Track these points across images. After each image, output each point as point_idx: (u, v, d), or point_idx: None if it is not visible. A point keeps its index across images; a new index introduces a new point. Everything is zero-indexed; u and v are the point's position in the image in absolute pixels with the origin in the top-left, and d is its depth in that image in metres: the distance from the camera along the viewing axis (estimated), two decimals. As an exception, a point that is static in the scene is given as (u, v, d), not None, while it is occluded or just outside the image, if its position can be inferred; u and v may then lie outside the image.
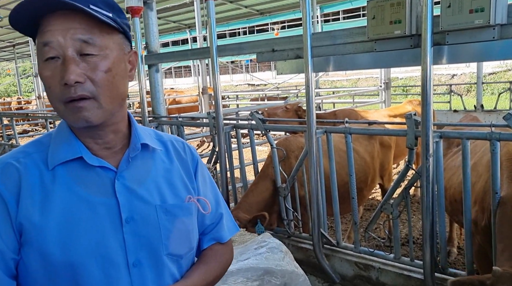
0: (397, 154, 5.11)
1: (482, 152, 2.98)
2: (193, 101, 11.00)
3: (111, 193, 1.03)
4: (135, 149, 1.09)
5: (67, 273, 0.96)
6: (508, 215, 2.44)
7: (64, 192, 1.00)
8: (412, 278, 3.11)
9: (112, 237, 1.00)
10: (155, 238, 1.05)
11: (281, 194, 3.70)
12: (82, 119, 0.97)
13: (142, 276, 1.03)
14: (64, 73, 0.94)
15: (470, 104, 11.11)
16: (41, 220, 0.96)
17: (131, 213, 1.03)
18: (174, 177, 1.15)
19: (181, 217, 1.11)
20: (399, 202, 3.09)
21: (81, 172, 1.03)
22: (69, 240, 0.97)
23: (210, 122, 3.85)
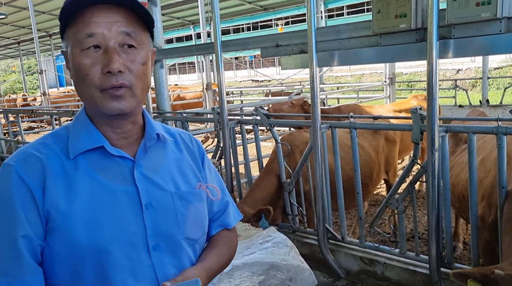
0: (401, 149, 5.09)
1: (491, 147, 2.95)
2: (197, 97, 11.02)
3: (130, 181, 1.08)
4: (151, 139, 1.14)
5: (93, 257, 1.00)
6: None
7: (86, 180, 1.03)
8: (417, 273, 3.10)
9: (133, 222, 1.05)
10: (172, 223, 1.11)
11: (286, 189, 3.70)
12: (118, 106, 1.03)
13: (162, 259, 1.08)
14: (108, 62, 1.00)
15: (475, 99, 11.04)
16: (68, 207, 1.00)
17: (150, 200, 1.08)
18: (184, 166, 1.20)
19: (194, 203, 1.17)
20: (404, 197, 3.08)
21: (101, 161, 1.07)
22: (95, 225, 1.01)
23: (214, 118, 3.85)
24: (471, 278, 2.14)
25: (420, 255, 3.16)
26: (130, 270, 1.03)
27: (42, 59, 15.68)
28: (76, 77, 1.05)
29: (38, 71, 15.16)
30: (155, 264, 1.07)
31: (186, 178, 1.19)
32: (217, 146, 4.05)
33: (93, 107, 1.06)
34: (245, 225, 2.42)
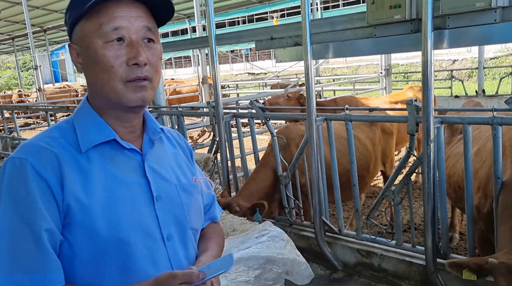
0: (398, 141, 5.08)
1: (486, 137, 2.95)
2: (193, 91, 10.97)
3: (141, 174, 1.10)
4: (155, 133, 1.18)
5: (115, 248, 1.01)
6: (510, 199, 2.43)
7: (101, 173, 1.04)
8: (414, 264, 3.11)
9: (147, 213, 1.08)
10: (180, 213, 1.14)
11: (282, 182, 3.70)
12: (141, 97, 1.06)
13: (175, 249, 1.12)
14: (135, 54, 1.03)
15: (471, 89, 11.04)
16: (88, 200, 1.00)
17: (159, 192, 1.11)
18: (180, 160, 1.25)
19: (194, 195, 1.21)
20: (401, 188, 3.08)
21: (112, 154, 1.08)
22: (114, 217, 1.02)
23: (210, 112, 3.83)
24: (466, 268, 2.15)
25: (417, 246, 3.17)
26: (150, 260, 1.06)
27: (37, 54, 15.57)
28: (96, 69, 1.05)
29: (33, 67, 15.07)
30: (170, 254, 1.10)
31: (183, 171, 1.22)
32: (212, 140, 4.03)
33: (111, 99, 1.06)
34: (241, 219, 2.41)
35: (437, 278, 2.86)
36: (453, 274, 2.86)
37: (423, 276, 3.05)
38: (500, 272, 2.06)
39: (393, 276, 3.23)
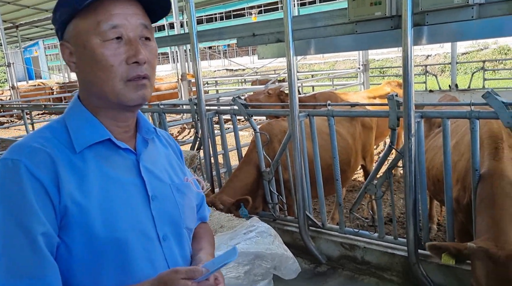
0: (377, 135, 5.18)
1: (464, 131, 3.04)
2: (172, 88, 10.87)
3: (136, 174, 1.09)
4: (148, 132, 1.17)
5: (113, 249, 1.00)
6: (488, 191, 2.51)
7: (96, 174, 1.02)
8: (396, 256, 3.18)
9: (144, 213, 1.07)
10: (175, 213, 1.14)
11: (266, 178, 3.72)
12: (141, 96, 1.05)
13: (171, 249, 1.11)
14: (135, 52, 1.02)
15: (445, 84, 11.28)
16: (85, 201, 0.98)
17: (154, 192, 1.10)
18: (172, 160, 1.24)
19: (187, 194, 1.21)
20: (383, 182, 3.14)
21: (107, 153, 1.07)
22: (112, 218, 1.00)
23: (192, 109, 3.81)
24: (445, 252, 2.22)
25: (398, 238, 3.24)
26: (148, 260, 1.05)
27: (9, 51, 15.13)
28: (94, 68, 1.02)
29: (6, 64, 14.64)
30: (166, 253, 1.09)
31: (175, 171, 1.22)
32: (195, 137, 4.02)
33: (110, 99, 1.04)
34: (228, 215, 2.42)
35: (419, 269, 2.93)
36: (433, 265, 2.97)
37: (405, 267, 3.12)
38: (478, 256, 2.14)
39: (376, 268, 3.30)
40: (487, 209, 2.46)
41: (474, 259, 2.17)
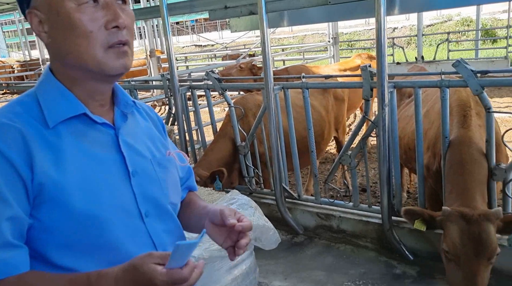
0: (348, 107, 5.25)
1: (434, 100, 3.12)
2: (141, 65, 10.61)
3: (115, 149, 1.04)
4: (127, 106, 1.11)
5: (93, 226, 0.95)
6: (457, 157, 2.61)
7: (72, 149, 0.97)
8: (370, 223, 3.29)
9: (124, 190, 1.02)
10: (157, 189, 1.09)
11: (241, 152, 3.73)
12: (123, 64, 0.99)
13: (154, 226, 1.07)
14: (114, 16, 0.95)
15: (411, 56, 11.50)
16: (61, 177, 0.93)
17: (135, 167, 1.05)
18: (153, 134, 1.19)
19: (170, 169, 1.16)
20: (357, 152, 3.21)
21: (83, 129, 1.01)
22: (90, 194, 0.96)
23: (164, 84, 3.75)
24: (419, 218, 2.31)
25: (372, 206, 3.34)
26: (131, 238, 1.01)
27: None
28: (71, 37, 0.95)
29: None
30: (150, 230, 1.05)
31: (156, 145, 1.17)
32: (168, 113, 3.97)
33: (90, 68, 0.98)
34: (208, 189, 2.43)
35: (392, 235, 3.04)
36: (406, 229, 3.09)
37: (379, 233, 3.24)
38: (452, 219, 2.24)
39: (351, 236, 3.41)
40: (456, 176, 2.56)
41: (447, 222, 2.26)
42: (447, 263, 2.31)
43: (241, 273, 2.18)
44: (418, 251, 3.05)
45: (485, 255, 2.17)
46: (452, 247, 2.22)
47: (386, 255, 3.21)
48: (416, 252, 3.05)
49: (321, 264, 3.24)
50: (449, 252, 2.24)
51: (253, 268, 2.27)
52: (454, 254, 2.22)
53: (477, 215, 2.19)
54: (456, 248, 2.20)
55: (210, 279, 2.02)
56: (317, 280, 3.03)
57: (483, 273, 2.20)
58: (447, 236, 2.26)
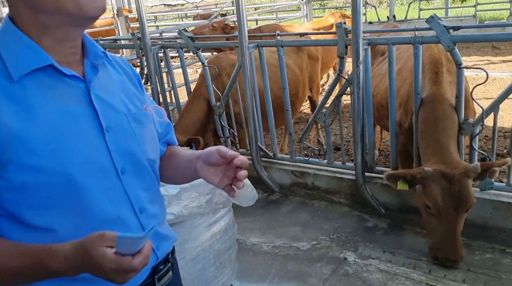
0: (321, 67, 5.25)
1: (406, 58, 3.15)
2: (108, 25, 10.18)
3: (87, 103, 0.99)
4: (97, 57, 1.05)
5: (64, 185, 0.92)
6: (430, 114, 2.67)
7: (39, 104, 0.92)
8: (344, 180, 3.38)
9: (98, 146, 0.99)
10: (133, 144, 1.06)
11: (216, 112, 3.71)
12: (101, 4, 0.94)
13: (131, 183, 1.04)
14: None
15: (383, 15, 11.48)
16: (27, 133, 0.89)
17: (109, 122, 1.01)
18: (127, 88, 1.14)
19: (146, 124, 1.12)
20: (331, 110, 3.24)
21: (50, 82, 0.95)
22: (61, 151, 0.92)
23: (135, 44, 3.63)
24: (401, 179, 2.41)
25: (346, 163, 3.42)
26: (106, 197, 0.98)
27: None
28: None
29: None
30: (126, 188, 1.03)
31: (131, 99, 1.12)
32: (140, 73, 3.87)
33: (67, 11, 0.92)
34: (184, 148, 2.41)
35: (365, 190, 3.14)
36: (378, 185, 3.19)
37: (352, 189, 3.34)
38: (433, 178, 2.35)
39: (326, 192, 3.50)
40: (431, 132, 2.64)
41: (429, 181, 2.37)
42: (428, 217, 2.47)
43: (220, 229, 2.22)
44: (389, 204, 3.17)
45: (464, 209, 2.36)
46: (434, 204, 2.36)
47: (359, 209, 3.33)
48: (387, 205, 3.18)
49: (297, 220, 3.33)
50: (431, 208, 2.39)
51: (232, 225, 2.32)
52: (437, 209, 2.37)
53: (458, 174, 2.32)
54: (439, 205, 2.35)
55: (190, 235, 2.05)
56: (293, 236, 3.12)
57: (461, 223, 2.40)
58: (430, 194, 2.37)
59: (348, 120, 5.15)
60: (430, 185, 2.37)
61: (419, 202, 2.52)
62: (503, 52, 8.58)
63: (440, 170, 2.35)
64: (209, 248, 2.14)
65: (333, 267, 2.72)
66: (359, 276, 2.62)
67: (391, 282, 2.54)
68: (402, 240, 2.94)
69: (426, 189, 2.40)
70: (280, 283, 2.64)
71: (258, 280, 2.69)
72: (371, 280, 2.58)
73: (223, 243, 2.23)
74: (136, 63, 8.75)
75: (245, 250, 2.99)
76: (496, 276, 2.49)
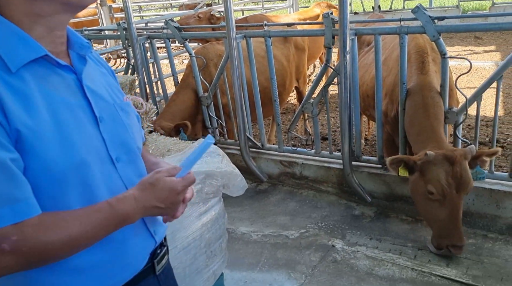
0: (307, 57, 5.26)
1: (392, 47, 3.19)
2: (91, 15, 10.03)
3: (80, 94, 1.00)
4: (83, 48, 1.05)
5: (74, 175, 0.94)
6: (420, 102, 2.72)
7: (38, 95, 0.92)
8: (331, 169, 3.42)
9: (94, 136, 1.00)
10: (124, 133, 1.09)
11: (204, 103, 3.71)
12: None
13: (125, 170, 1.07)
14: None
15: (368, 5, 11.53)
16: (35, 124, 0.89)
17: (101, 113, 1.03)
18: (108, 79, 1.16)
19: (131, 114, 1.16)
20: (319, 100, 3.27)
21: (44, 73, 0.95)
22: (68, 142, 0.93)
23: (121, 34, 3.60)
24: (401, 165, 2.46)
25: (334, 153, 3.46)
26: (105, 184, 1.01)
27: None
28: None
29: None
30: (122, 176, 1.06)
31: (113, 90, 1.14)
32: (127, 64, 3.84)
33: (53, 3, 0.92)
34: (174, 139, 2.41)
35: (353, 178, 3.19)
36: (365, 173, 3.24)
37: (340, 178, 3.38)
38: (436, 161, 2.40)
39: (313, 182, 3.54)
40: (423, 119, 2.67)
41: (431, 166, 2.41)
42: (429, 204, 2.48)
43: (210, 219, 2.23)
44: (375, 193, 3.23)
45: (465, 191, 2.42)
46: (438, 187, 2.39)
47: (346, 198, 3.38)
48: (373, 194, 3.23)
49: (285, 209, 3.37)
50: (435, 193, 2.41)
51: (222, 214, 2.33)
52: (441, 194, 2.40)
53: (458, 155, 2.38)
54: (443, 188, 2.38)
55: (181, 225, 2.07)
56: (282, 224, 3.17)
57: (462, 205, 2.46)
58: (433, 179, 2.40)
59: (335, 110, 5.19)
60: (432, 169, 2.41)
61: (418, 191, 2.52)
62: (485, 42, 8.71)
63: (443, 153, 2.40)
64: (200, 237, 2.16)
65: (322, 254, 2.77)
66: (347, 263, 2.67)
67: (378, 267, 2.60)
68: (388, 227, 3.00)
69: (428, 175, 2.43)
70: (269, 271, 2.68)
71: (248, 268, 2.73)
72: (359, 266, 2.64)
73: (214, 232, 2.25)
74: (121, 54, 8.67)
75: (235, 239, 3.02)
76: (478, 260, 2.57)
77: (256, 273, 2.67)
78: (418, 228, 2.95)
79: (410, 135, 2.75)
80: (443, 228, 2.50)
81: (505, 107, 5.25)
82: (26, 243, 0.84)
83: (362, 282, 2.50)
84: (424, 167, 2.45)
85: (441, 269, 2.52)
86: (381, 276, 2.53)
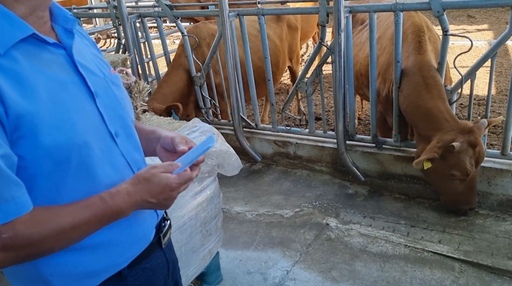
0: (300, 37, 5.21)
1: (386, 26, 3.16)
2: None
3: (73, 70, 0.99)
4: (68, 21, 1.03)
5: (75, 155, 0.93)
6: (420, 82, 2.71)
7: (32, 75, 0.89)
8: (325, 148, 3.43)
9: (92, 113, 0.99)
10: (118, 107, 1.08)
11: (197, 83, 3.67)
12: None
13: (124, 144, 1.07)
14: None
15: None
16: (33, 106, 0.87)
17: (95, 88, 1.02)
18: (94, 52, 1.13)
19: (121, 87, 1.14)
20: (313, 79, 3.25)
21: (34, 51, 0.93)
22: (66, 122, 0.92)
23: (111, 12, 3.52)
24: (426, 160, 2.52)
25: (328, 132, 3.46)
26: (107, 161, 1.00)
27: None
28: None
29: None
30: (122, 150, 1.05)
31: (100, 63, 1.11)
32: (118, 43, 3.78)
33: None
34: (167, 119, 2.40)
35: (347, 158, 3.20)
36: (358, 152, 3.25)
37: (333, 157, 3.39)
38: (462, 149, 2.48)
39: (308, 161, 3.55)
40: (428, 100, 2.67)
41: (455, 153, 2.49)
42: (450, 183, 2.62)
43: (205, 198, 2.23)
44: (369, 171, 3.25)
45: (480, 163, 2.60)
46: (464, 171, 2.53)
47: (340, 177, 3.40)
48: (367, 173, 3.25)
49: (279, 189, 3.39)
50: (459, 175, 2.55)
51: (217, 193, 2.34)
52: (465, 174, 2.54)
53: (478, 137, 2.49)
54: (468, 170, 2.52)
55: (176, 204, 2.06)
56: (276, 204, 3.18)
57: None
58: (459, 165, 2.52)
59: (328, 90, 5.18)
60: (457, 157, 2.51)
61: (439, 174, 2.62)
62: (478, 21, 8.68)
63: (468, 140, 2.49)
64: (196, 217, 2.16)
65: (316, 233, 2.80)
66: (341, 240, 2.71)
67: (372, 245, 2.64)
68: (382, 205, 3.03)
69: (453, 161, 2.53)
70: (264, 249, 2.70)
71: (244, 247, 2.75)
72: (353, 243, 2.67)
73: (209, 211, 2.26)
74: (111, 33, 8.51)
75: (230, 219, 3.04)
76: (469, 236, 2.61)
77: (251, 252, 2.70)
78: (411, 206, 2.98)
79: (414, 116, 2.75)
80: (463, 197, 2.68)
81: (497, 85, 5.27)
82: (18, 239, 0.84)
83: (356, 259, 2.53)
84: (447, 155, 2.53)
85: (434, 245, 2.56)
86: (374, 253, 2.57)
